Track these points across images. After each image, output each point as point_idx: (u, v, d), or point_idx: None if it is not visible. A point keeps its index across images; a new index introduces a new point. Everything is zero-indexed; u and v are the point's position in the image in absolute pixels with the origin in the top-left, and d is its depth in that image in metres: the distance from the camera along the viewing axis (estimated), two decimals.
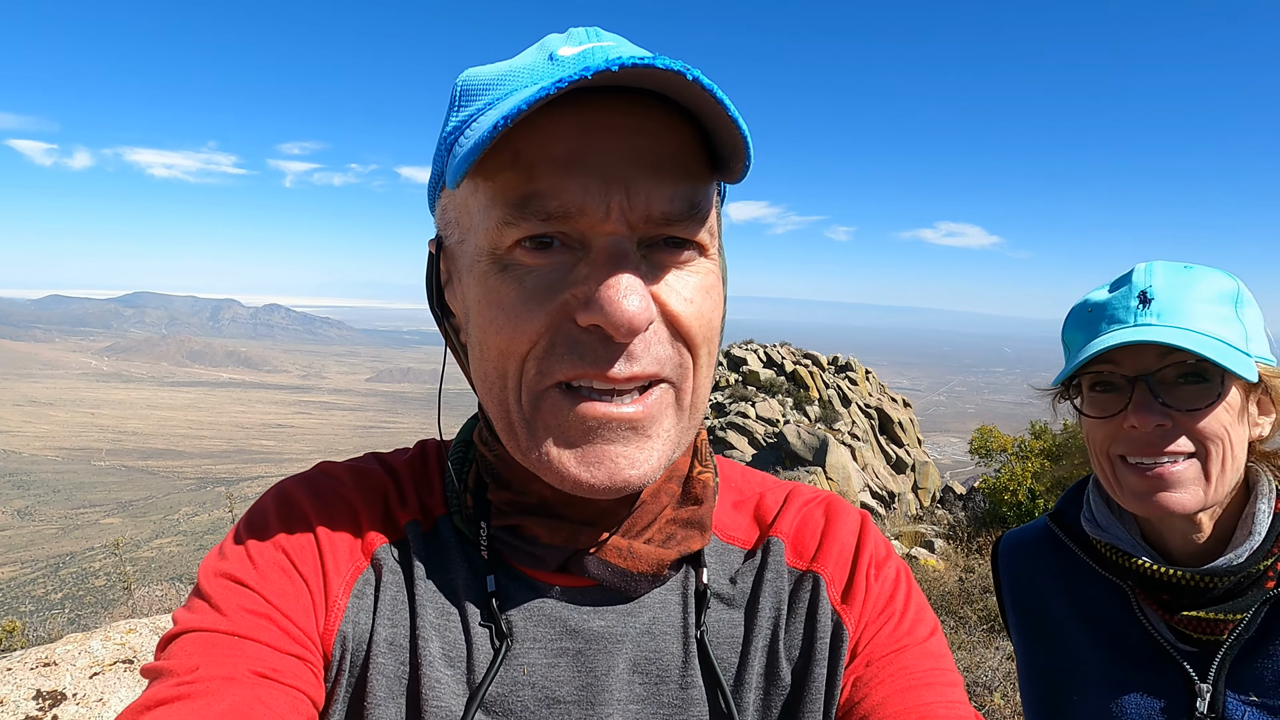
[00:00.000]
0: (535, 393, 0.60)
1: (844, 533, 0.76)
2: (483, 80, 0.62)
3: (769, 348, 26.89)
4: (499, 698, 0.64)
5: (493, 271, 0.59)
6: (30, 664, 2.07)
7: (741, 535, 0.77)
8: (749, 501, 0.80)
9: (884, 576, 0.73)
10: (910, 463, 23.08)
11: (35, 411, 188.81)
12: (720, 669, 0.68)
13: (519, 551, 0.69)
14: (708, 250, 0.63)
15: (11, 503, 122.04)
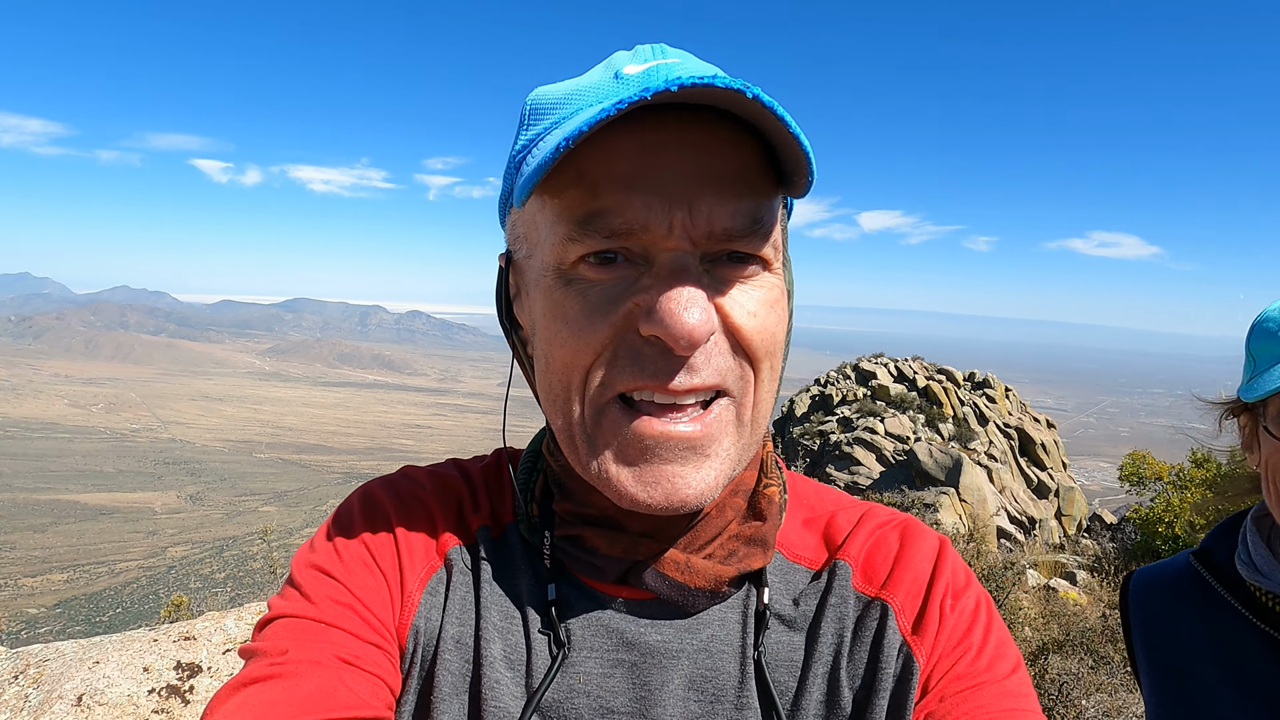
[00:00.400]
0: (597, 406, 0.61)
1: (918, 559, 0.71)
2: (550, 99, 0.63)
3: (900, 362, 25.95)
4: (555, 704, 0.65)
5: (558, 285, 0.60)
6: (174, 637, 2.22)
7: (809, 555, 0.74)
8: (820, 520, 0.76)
9: (961, 607, 0.68)
10: (1053, 488, 21.67)
11: (208, 406, 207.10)
12: (777, 692, 0.66)
13: (580, 561, 0.69)
14: (771, 265, 0.63)
15: (186, 488, 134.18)
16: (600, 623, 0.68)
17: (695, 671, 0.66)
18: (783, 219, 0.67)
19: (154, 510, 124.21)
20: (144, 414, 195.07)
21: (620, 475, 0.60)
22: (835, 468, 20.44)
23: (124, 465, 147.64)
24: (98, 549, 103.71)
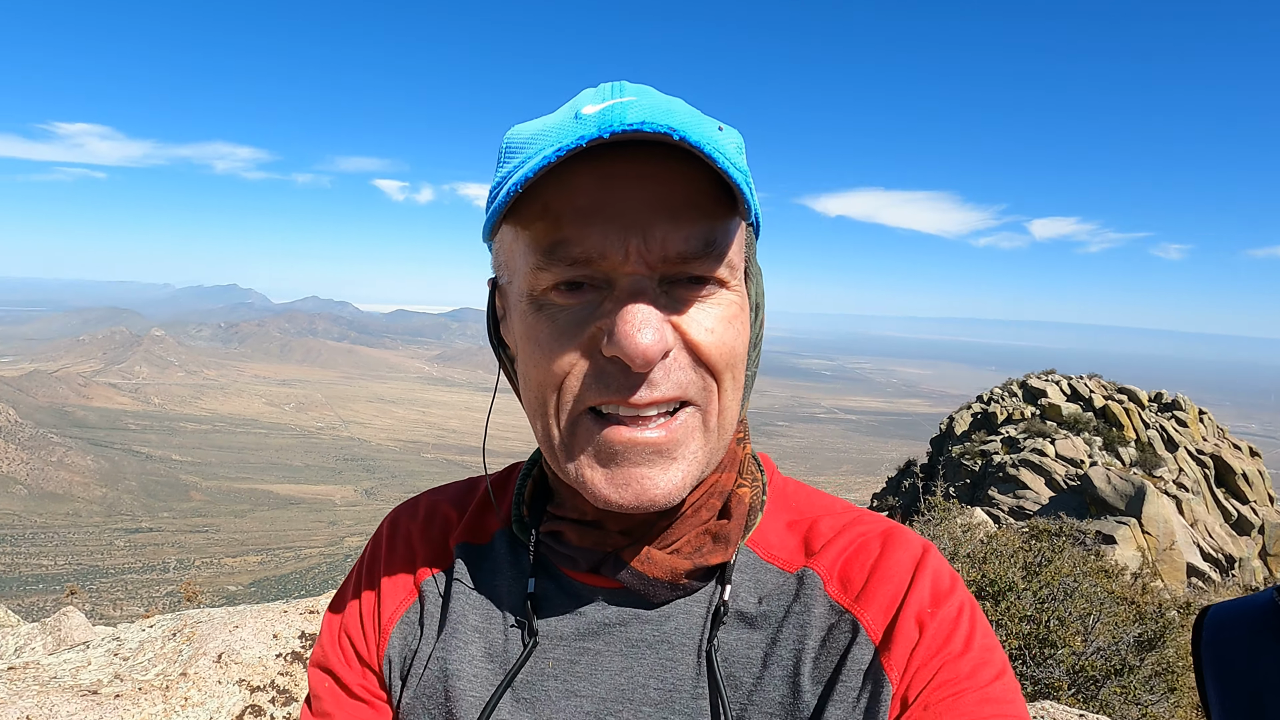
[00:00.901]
0: (571, 418, 0.66)
1: (897, 567, 0.71)
2: (520, 139, 0.67)
3: (1074, 379, 24.07)
4: (527, 687, 0.72)
5: (531, 311, 0.66)
6: (301, 610, 2.47)
7: (785, 557, 0.76)
8: (804, 523, 0.78)
9: (942, 616, 0.67)
10: (1257, 523, 19.33)
11: (382, 408, 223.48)
12: (729, 686, 0.69)
13: (559, 554, 0.76)
14: (729, 283, 0.67)
15: (361, 483, 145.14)
16: (573, 610, 0.75)
17: (657, 660, 0.71)
18: (746, 238, 0.71)
19: (334, 502, 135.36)
20: (328, 413, 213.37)
21: (594, 478, 0.66)
22: (998, 490, 19.21)
23: (310, 460, 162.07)
24: (286, 535, 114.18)
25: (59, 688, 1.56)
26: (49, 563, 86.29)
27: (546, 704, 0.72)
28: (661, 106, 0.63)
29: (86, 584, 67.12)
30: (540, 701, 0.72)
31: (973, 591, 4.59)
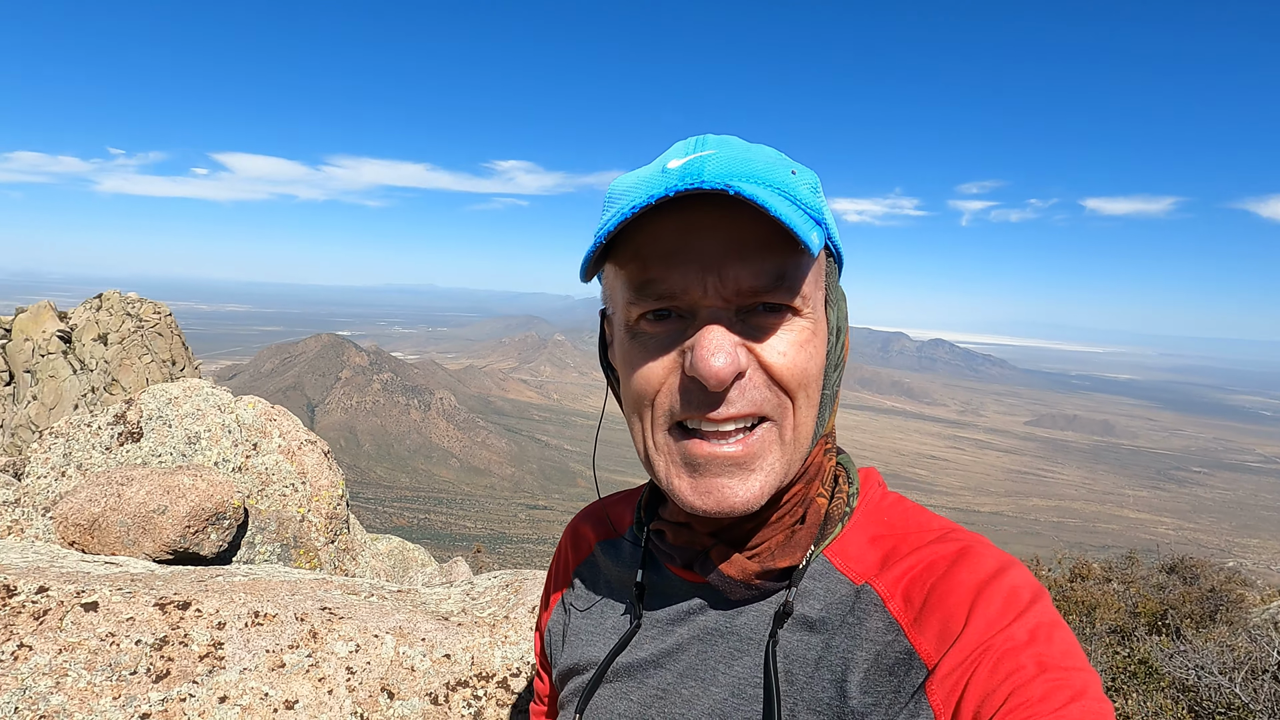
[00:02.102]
0: (661, 432, 0.76)
1: (958, 588, 0.71)
2: (618, 190, 0.76)
3: None
4: (626, 665, 0.87)
5: (627, 338, 0.78)
6: None
7: (857, 569, 0.79)
8: (889, 539, 0.80)
9: (1009, 636, 0.65)
10: None
11: None
12: (785, 681, 0.75)
13: (662, 551, 0.89)
14: (801, 311, 0.74)
15: None
16: (669, 600, 0.88)
17: (730, 651, 0.80)
18: (826, 268, 0.80)
19: None
20: None
21: (681, 486, 0.75)
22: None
23: None
24: None
25: (424, 611, 1.99)
26: (470, 524, 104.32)
27: (640, 674, 0.86)
28: (737, 157, 0.72)
29: (493, 546, 79.69)
30: (636, 671, 0.86)
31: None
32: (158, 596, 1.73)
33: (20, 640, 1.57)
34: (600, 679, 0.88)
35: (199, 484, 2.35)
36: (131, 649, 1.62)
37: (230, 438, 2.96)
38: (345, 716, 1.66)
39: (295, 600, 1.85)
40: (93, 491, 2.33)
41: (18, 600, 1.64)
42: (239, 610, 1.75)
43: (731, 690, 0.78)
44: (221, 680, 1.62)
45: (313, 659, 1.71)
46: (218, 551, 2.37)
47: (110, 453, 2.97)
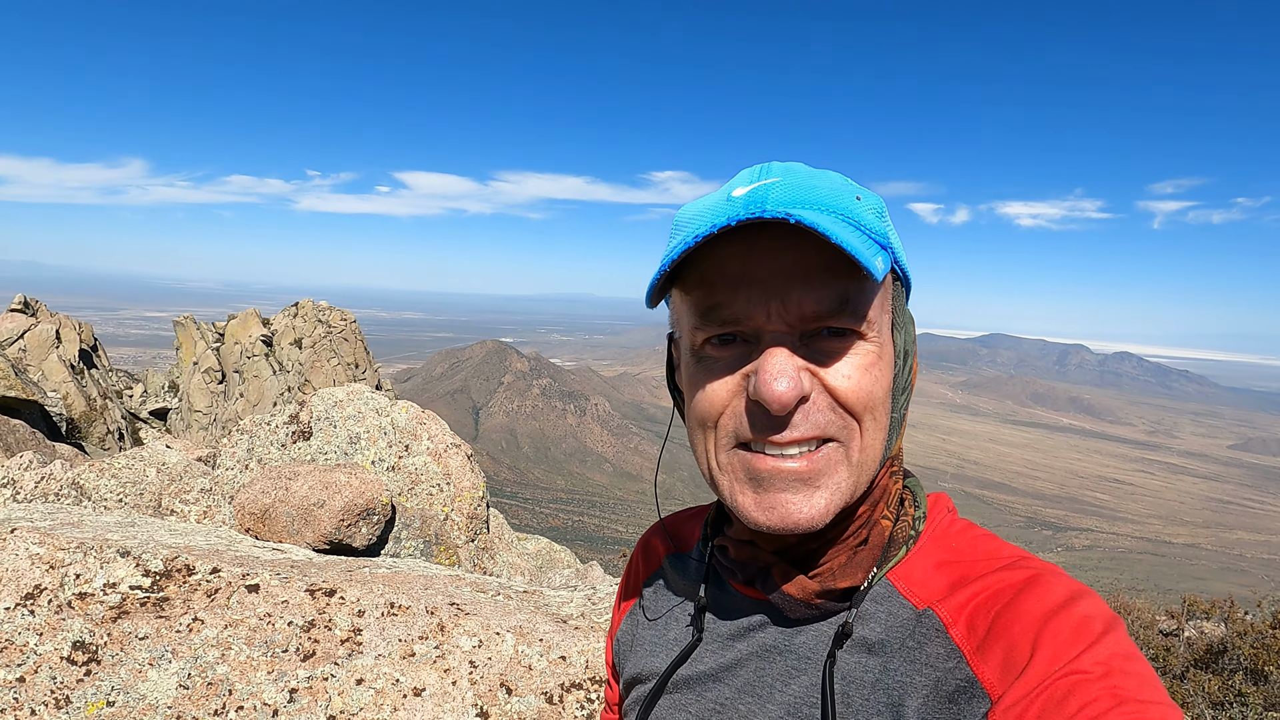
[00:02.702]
0: (724, 451, 0.76)
1: (1024, 617, 0.68)
2: (685, 217, 0.77)
3: None
4: (686, 678, 0.87)
5: (693, 362, 0.78)
6: None
7: (921, 594, 0.77)
8: (956, 566, 0.78)
9: (1076, 667, 0.62)
10: None
11: None
12: (842, 703, 0.74)
13: (725, 567, 0.88)
14: (866, 335, 0.73)
15: None
16: (729, 616, 0.88)
17: (788, 669, 0.80)
18: (893, 292, 0.79)
19: None
20: None
21: (745, 502, 0.75)
22: None
23: None
24: None
25: (545, 613, 2.07)
26: (621, 528, 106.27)
27: (699, 687, 0.86)
28: (801, 185, 0.73)
29: None
30: (696, 684, 0.87)
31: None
32: (309, 583, 1.90)
33: (195, 614, 1.78)
34: (660, 690, 0.89)
35: (353, 481, 2.56)
36: (284, 629, 1.79)
37: (385, 439, 3.20)
38: (466, 707, 1.76)
39: (427, 594, 1.99)
40: (265, 484, 2.60)
41: (195, 579, 1.87)
42: (377, 600, 1.90)
43: (788, 709, 0.78)
44: (359, 664, 1.77)
45: (440, 651, 1.83)
46: (367, 544, 2.57)
47: (285, 449, 3.29)
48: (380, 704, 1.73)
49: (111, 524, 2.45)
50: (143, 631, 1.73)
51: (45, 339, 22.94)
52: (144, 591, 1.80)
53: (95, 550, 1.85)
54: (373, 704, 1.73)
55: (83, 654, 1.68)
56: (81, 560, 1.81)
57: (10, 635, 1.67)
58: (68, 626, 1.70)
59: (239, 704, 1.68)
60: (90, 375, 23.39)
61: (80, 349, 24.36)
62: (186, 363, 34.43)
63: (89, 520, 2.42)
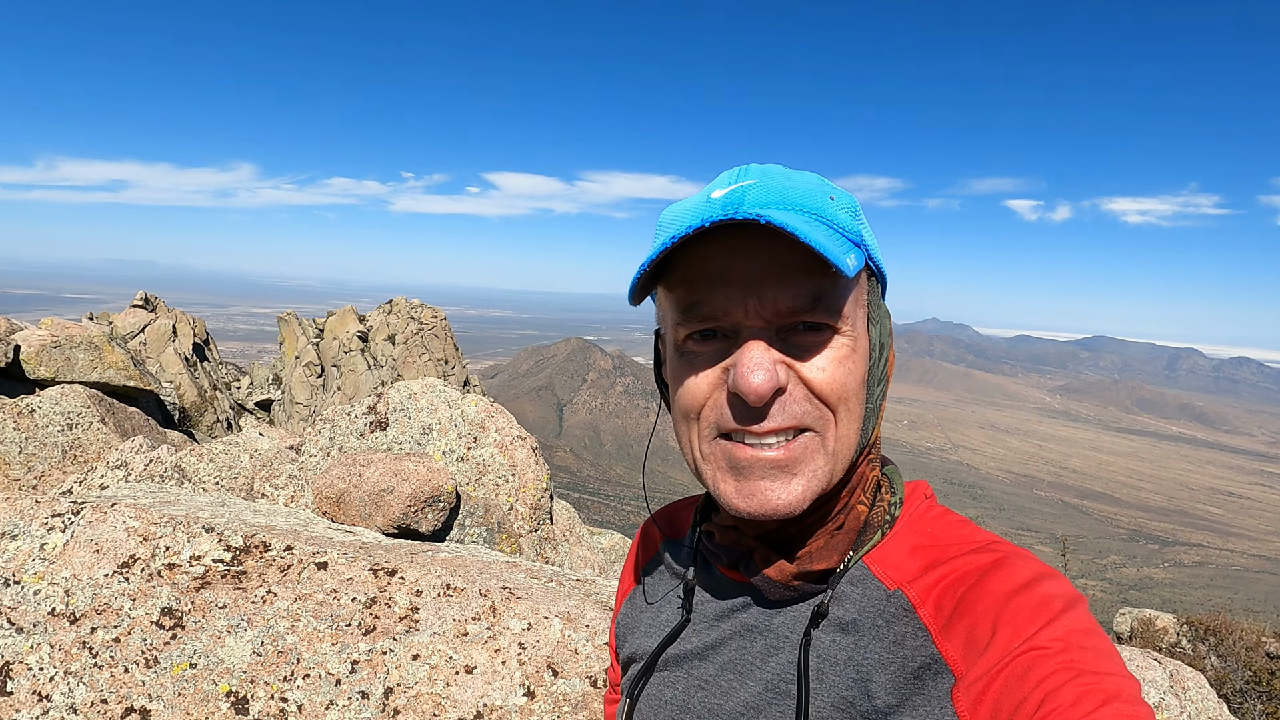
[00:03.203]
0: (707, 442, 0.80)
1: (987, 597, 0.71)
2: (667, 218, 0.81)
3: None
4: (675, 656, 0.92)
5: (676, 356, 0.83)
6: None
7: (895, 576, 0.81)
8: (930, 550, 0.82)
9: (1040, 642, 0.65)
10: None
11: (995, 436, 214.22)
12: (816, 679, 0.78)
13: (711, 552, 0.93)
14: (840, 329, 0.78)
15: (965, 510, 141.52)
16: (715, 597, 0.93)
17: (768, 647, 0.84)
18: (868, 288, 0.84)
19: None
20: (938, 435, 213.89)
21: (726, 490, 0.79)
22: None
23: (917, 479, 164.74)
24: None
25: (594, 601, 2.14)
26: None
27: (686, 665, 0.91)
28: (776, 186, 0.77)
29: None
30: (683, 662, 0.92)
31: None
32: (372, 563, 2.02)
33: (269, 587, 1.92)
34: (650, 668, 0.94)
35: (420, 469, 2.69)
36: (348, 604, 1.91)
37: (456, 431, 3.34)
38: (514, 687, 1.84)
39: (482, 578, 2.08)
40: (341, 470, 2.75)
41: (270, 555, 2.01)
42: (434, 581, 2.00)
43: (766, 684, 0.82)
44: (415, 640, 1.87)
45: (491, 631, 1.92)
46: (433, 530, 2.70)
47: (364, 438, 3.47)
48: (434, 679, 1.83)
49: (204, 503, 2.64)
50: (222, 601, 1.88)
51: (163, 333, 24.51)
52: (224, 565, 1.95)
53: (183, 526, 2.02)
54: (427, 678, 1.83)
55: (169, 619, 1.83)
56: (171, 534, 1.98)
57: (108, 599, 1.85)
58: (157, 593, 1.86)
59: (305, 672, 1.81)
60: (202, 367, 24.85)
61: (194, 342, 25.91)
62: (289, 357, 36.18)
63: (184, 500, 2.63)
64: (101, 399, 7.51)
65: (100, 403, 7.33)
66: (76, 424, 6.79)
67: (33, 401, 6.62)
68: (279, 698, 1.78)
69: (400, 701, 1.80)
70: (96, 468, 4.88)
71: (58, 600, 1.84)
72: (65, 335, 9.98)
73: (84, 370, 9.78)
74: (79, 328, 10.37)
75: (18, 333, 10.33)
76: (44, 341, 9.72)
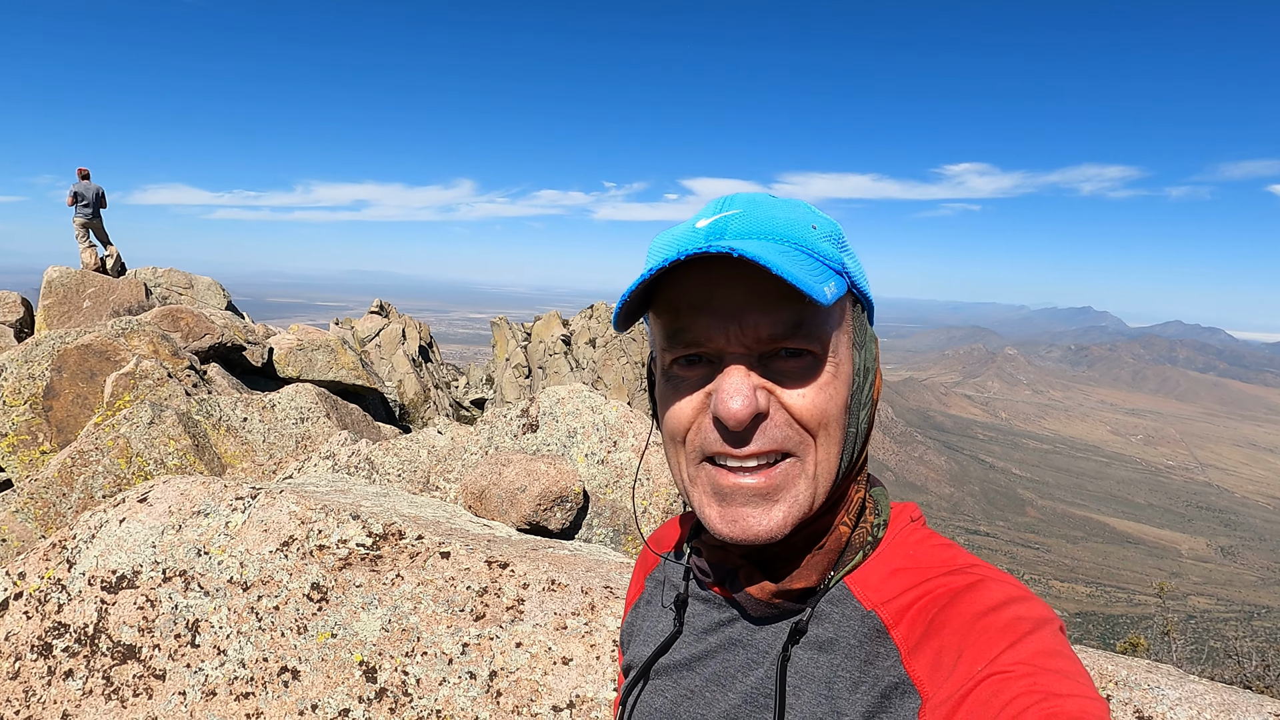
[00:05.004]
0: (692, 465, 0.82)
1: (955, 619, 0.72)
2: (655, 246, 0.83)
3: None
4: (665, 666, 0.95)
5: (663, 380, 0.85)
6: None
7: (873, 598, 0.81)
8: (910, 573, 0.81)
9: (1003, 665, 0.65)
10: None
11: (1254, 455, 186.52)
12: (792, 694, 0.79)
13: (699, 569, 0.95)
14: (822, 355, 0.78)
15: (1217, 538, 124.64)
16: (703, 613, 0.95)
17: (749, 662, 0.86)
18: (852, 314, 0.84)
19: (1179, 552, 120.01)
20: (1181, 451, 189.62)
21: (711, 514, 0.81)
22: None
23: (1155, 499, 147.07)
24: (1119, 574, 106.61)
25: None
26: None
27: (675, 674, 0.94)
28: (760, 217, 0.79)
29: None
30: (673, 672, 0.94)
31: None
32: (488, 555, 2.21)
33: (398, 571, 2.16)
34: (641, 676, 0.98)
35: (550, 470, 2.87)
36: (463, 591, 2.11)
37: (598, 435, 3.51)
38: (606, 680, 1.94)
39: (587, 576, 2.20)
40: (484, 469, 3.00)
41: (404, 542, 2.25)
42: (540, 576, 2.15)
43: (745, 697, 0.84)
44: (519, 630, 2.03)
45: (588, 627, 2.03)
46: (561, 528, 2.87)
47: (516, 439, 3.73)
48: (534, 666, 1.97)
49: (370, 494, 2.99)
50: (359, 580, 2.13)
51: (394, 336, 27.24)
52: (364, 549, 2.22)
53: (334, 513, 2.31)
54: (528, 665, 1.97)
55: (317, 593, 2.12)
56: (323, 519, 2.28)
57: (271, 572, 2.16)
58: (308, 570, 2.16)
59: (424, 650, 2.02)
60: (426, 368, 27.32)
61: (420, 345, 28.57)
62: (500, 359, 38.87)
63: (355, 490, 2.98)
64: (327, 396, 8.53)
65: (326, 399, 8.33)
66: (307, 418, 7.76)
67: (274, 397, 7.64)
68: (401, 670, 2.00)
69: (503, 684, 1.96)
70: (312, 457, 5.59)
71: (234, 570, 2.18)
72: (308, 339, 11.45)
73: (322, 370, 11.16)
74: (319, 333, 11.84)
75: (272, 337, 11.99)
76: (291, 344, 11.21)
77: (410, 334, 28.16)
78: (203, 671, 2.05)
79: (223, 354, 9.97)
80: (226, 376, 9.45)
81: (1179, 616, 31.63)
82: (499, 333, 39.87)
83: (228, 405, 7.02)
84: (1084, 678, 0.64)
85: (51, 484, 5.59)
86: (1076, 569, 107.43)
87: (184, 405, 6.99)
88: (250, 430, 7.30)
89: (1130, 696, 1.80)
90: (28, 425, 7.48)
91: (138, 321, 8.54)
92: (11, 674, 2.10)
